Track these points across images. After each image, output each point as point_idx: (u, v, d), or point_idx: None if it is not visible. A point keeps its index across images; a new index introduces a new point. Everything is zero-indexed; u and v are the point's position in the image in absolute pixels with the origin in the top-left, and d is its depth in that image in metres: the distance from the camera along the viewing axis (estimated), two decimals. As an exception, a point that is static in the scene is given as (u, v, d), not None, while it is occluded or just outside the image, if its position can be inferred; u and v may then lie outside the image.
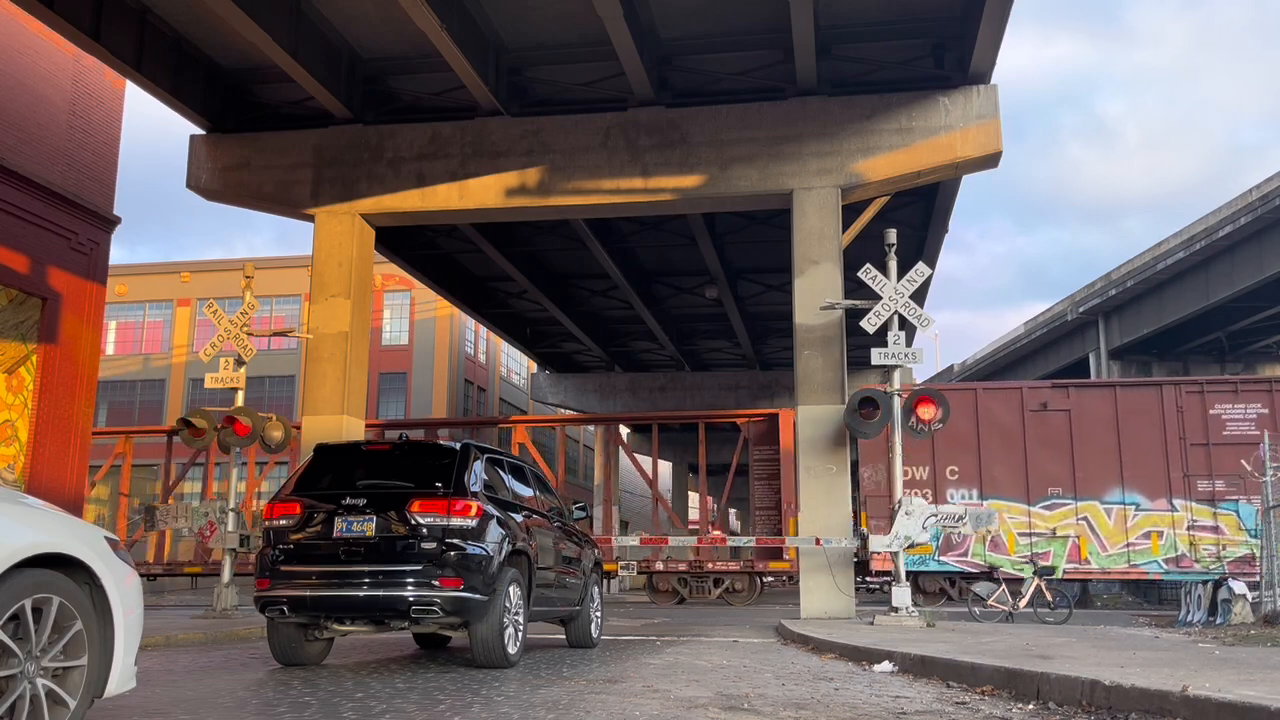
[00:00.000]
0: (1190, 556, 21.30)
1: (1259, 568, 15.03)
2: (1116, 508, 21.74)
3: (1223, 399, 21.89)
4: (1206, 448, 21.62)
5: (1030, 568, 18.00)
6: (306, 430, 17.06)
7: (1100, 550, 21.51)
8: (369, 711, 5.82)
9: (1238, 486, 21.48)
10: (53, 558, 4.12)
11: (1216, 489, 21.48)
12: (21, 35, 16.80)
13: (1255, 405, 21.76)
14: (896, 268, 14.34)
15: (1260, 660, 7.52)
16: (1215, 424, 21.86)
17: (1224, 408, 21.82)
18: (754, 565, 23.34)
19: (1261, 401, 21.74)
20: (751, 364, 38.26)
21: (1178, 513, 21.49)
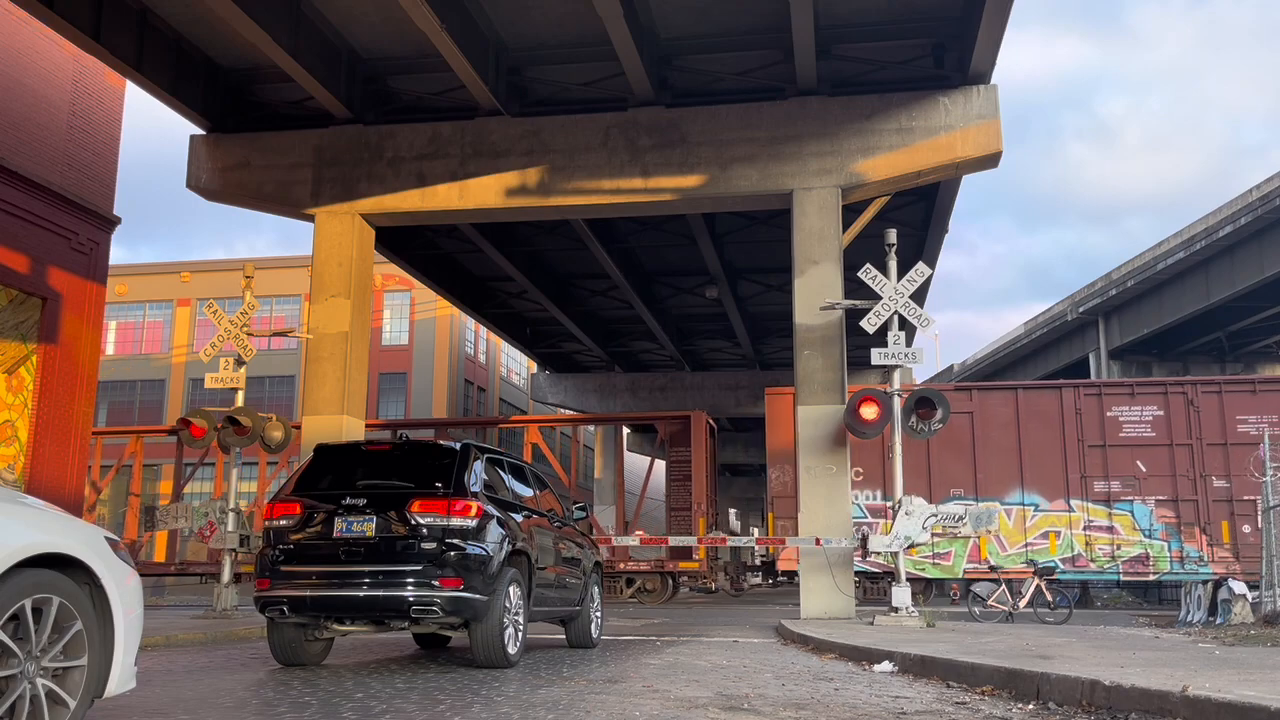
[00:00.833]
0: (1086, 556, 21.68)
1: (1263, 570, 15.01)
2: (1016, 508, 22.08)
3: (1119, 401, 22.25)
4: (1103, 449, 21.98)
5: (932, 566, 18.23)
6: (306, 430, 17.06)
7: (999, 550, 21.82)
8: (369, 711, 5.82)
9: (1133, 487, 21.86)
10: (53, 558, 4.12)
11: (1112, 490, 21.85)
12: (21, 35, 16.81)
13: (1151, 407, 22.10)
14: (896, 268, 14.34)
15: (1260, 660, 7.52)
16: (1112, 426, 22.18)
17: (1121, 410, 22.18)
18: (665, 565, 23.47)
19: (1157, 404, 22.10)
20: (751, 364, 38.26)
21: (1075, 513, 21.85)
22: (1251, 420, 21.60)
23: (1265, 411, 21.62)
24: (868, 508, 22.57)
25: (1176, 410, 21.87)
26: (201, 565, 24.60)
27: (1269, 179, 25.11)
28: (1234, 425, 21.64)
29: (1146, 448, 21.95)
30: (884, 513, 22.17)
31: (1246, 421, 21.60)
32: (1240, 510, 21.38)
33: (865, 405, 14.31)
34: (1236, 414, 21.74)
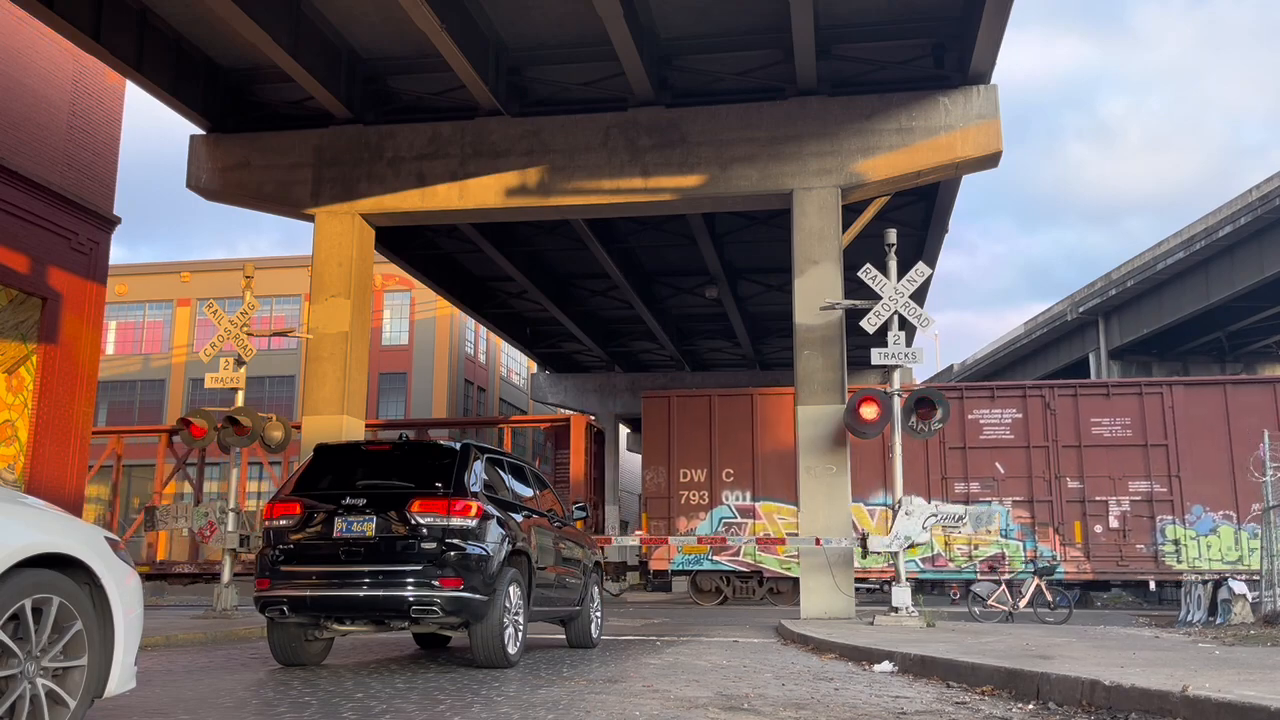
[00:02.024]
0: (945, 556, 22.22)
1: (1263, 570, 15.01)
2: (880, 509, 22.59)
3: (980, 404, 22.81)
4: (963, 451, 22.44)
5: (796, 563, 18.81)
6: (306, 430, 17.05)
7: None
8: (369, 711, 5.82)
9: (992, 488, 22.42)
10: (53, 558, 4.13)
11: (971, 490, 22.33)
12: (21, 35, 16.81)
13: (1010, 410, 22.69)
14: (896, 268, 14.34)
15: (1260, 660, 7.52)
16: (972, 428, 22.74)
17: (981, 412, 22.76)
18: None
19: (1016, 407, 22.64)
20: (751, 364, 38.24)
21: None
22: (1105, 423, 22.22)
23: (1118, 414, 22.21)
24: (737, 508, 22.95)
25: (1034, 413, 22.45)
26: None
27: (1269, 179, 25.12)
28: (1089, 428, 22.21)
29: (1005, 449, 22.56)
30: (753, 512, 22.52)
31: (1100, 424, 22.21)
32: (1093, 511, 22.02)
33: (865, 405, 14.32)
34: (1091, 417, 22.31)
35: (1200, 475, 21.70)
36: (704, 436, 23.48)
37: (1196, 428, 21.87)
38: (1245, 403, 21.82)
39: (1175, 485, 21.68)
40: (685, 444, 23.51)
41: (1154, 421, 22.02)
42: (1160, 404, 22.09)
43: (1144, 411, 22.08)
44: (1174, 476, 21.75)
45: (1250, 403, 21.79)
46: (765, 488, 23.02)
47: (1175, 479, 21.73)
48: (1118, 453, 21.87)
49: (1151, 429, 21.99)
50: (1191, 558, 21.31)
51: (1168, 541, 21.40)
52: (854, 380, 20.77)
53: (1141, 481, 21.83)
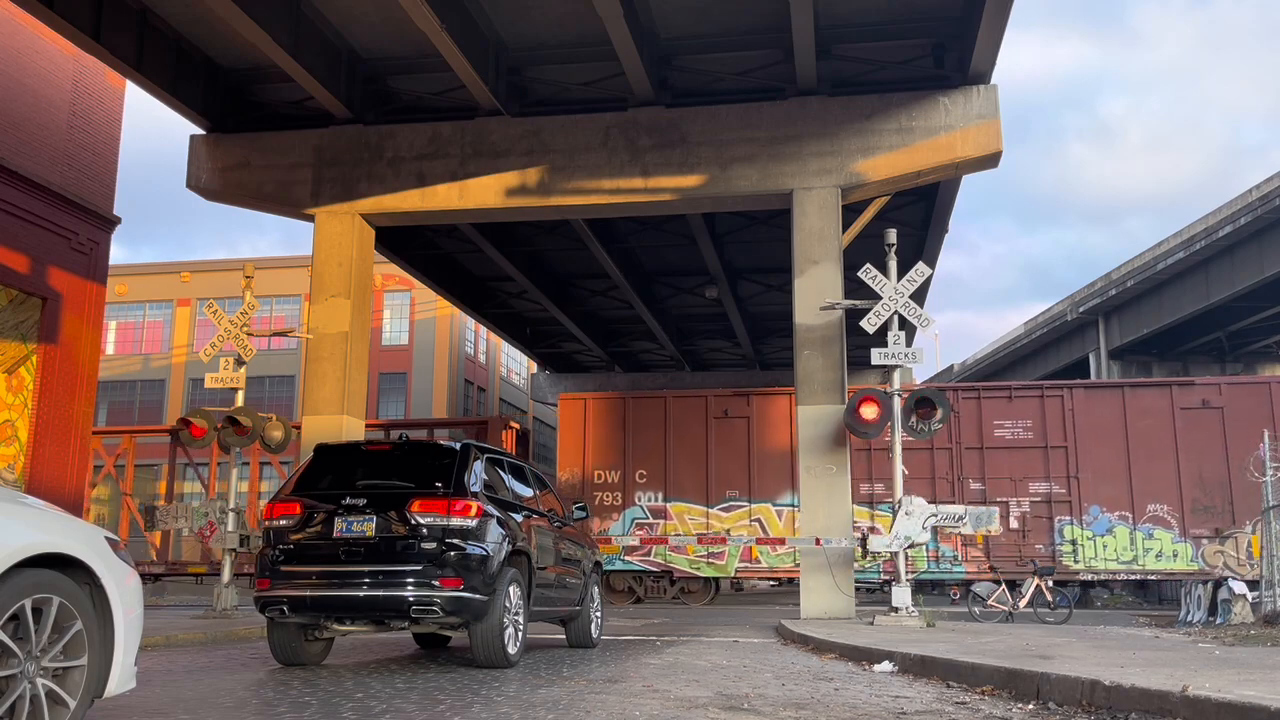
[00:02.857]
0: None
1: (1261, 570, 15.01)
2: (787, 509, 22.78)
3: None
4: (868, 452, 22.62)
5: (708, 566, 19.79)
6: (306, 430, 17.05)
7: (770, 550, 22.59)
8: (369, 711, 5.82)
9: None
10: (53, 558, 4.13)
11: (876, 491, 22.63)
12: (21, 35, 16.81)
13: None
14: (896, 268, 14.34)
15: (1260, 660, 7.52)
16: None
17: None
18: None
19: None
20: (751, 364, 38.23)
21: None
22: (1007, 425, 22.49)
23: (1020, 416, 22.47)
24: (650, 509, 23.16)
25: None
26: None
27: (1269, 179, 25.11)
28: (991, 430, 22.47)
29: (909, 451, 22.56)
30: (664, 513, 22.70)
31: (1003, 426, 22.49)
32: None
33: (865, 405, 14.32)
34: (994, 419, 22.57)
35: (1098, 476, 21.98)
36: (619, 438, 23.80)
37: (1095, 430, 22.14)
38: (1142, 405, 22.13)
39: (1074, 486, 21.95)
40: (600, 445, 23.88)
41: (1054, 423, 22.30)
42: (1061, 406, 22.38)
43: (1045, 414, 22.36)
44: (1073, 478, 22.02)
45: (1147, 405, 22.10)
46: (677, 488, 23.33)
47: (1074, 480, 22.01)
48: (1019, 454, 22.12)
49: (1052, 431, 22.27)
50: (1088, 558, 21.62)
51: (1065, 542, 21.65)
52: (854, 380, 20.79)
53: (1041, 483, 22.12)
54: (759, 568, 22.72)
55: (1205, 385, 22.48)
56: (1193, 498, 21.50)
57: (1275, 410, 21.67)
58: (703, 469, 23.21)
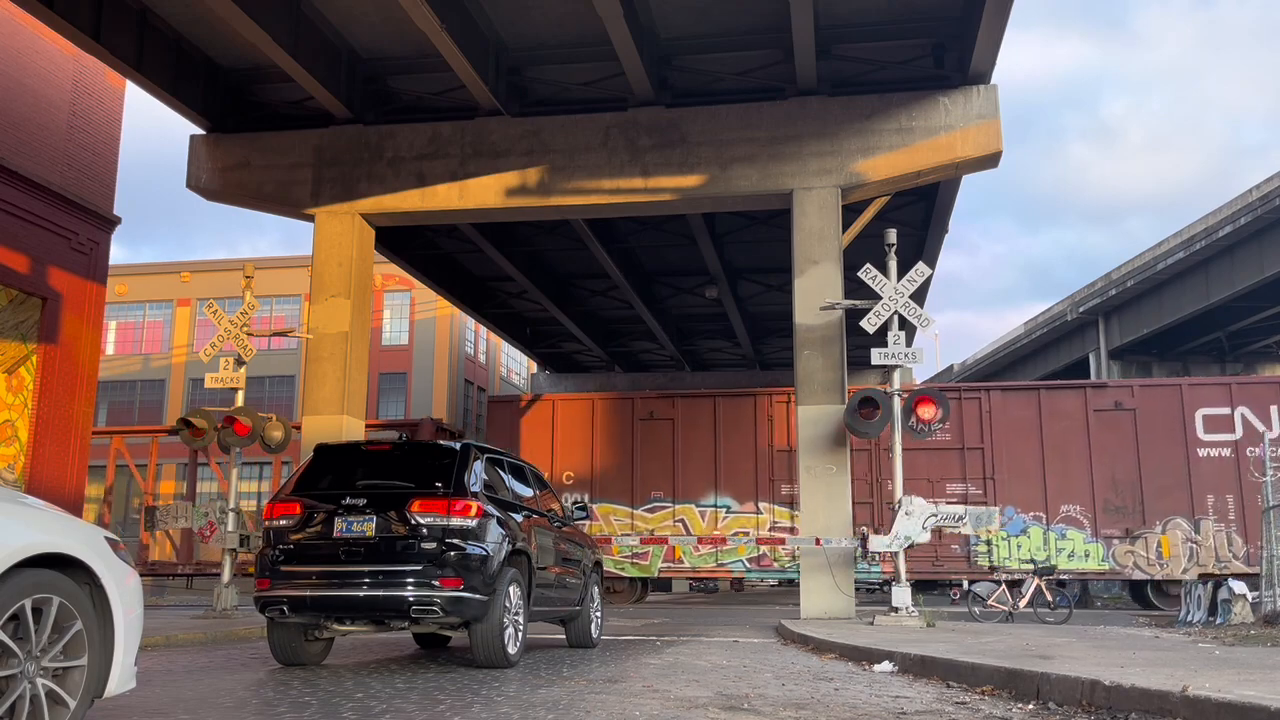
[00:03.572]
0: (770, 556, 22.96)
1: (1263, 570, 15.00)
2: (710, 510, 23.30)
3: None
4: (789, 453, 22.97)
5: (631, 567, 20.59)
6: (306, 430, 17.06)
7: (693, 550, 23.02)
8: (369, 711, 5.82)
9: None
10: (53, 558, 4.13)
11: (795, 492, 22.71)
12: (21, 35, 16.81)
13: None
14: (896, 268, 14.34)
15: (1260, 660, 7.52)
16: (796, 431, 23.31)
17: None
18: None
19: None
20: (751, 364, 38.21)
21: (762, 515, 23.19)
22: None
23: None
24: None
25: None
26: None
27: (1269, 179, 25.11)
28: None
29: None
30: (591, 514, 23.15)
31: None
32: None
33: (865, 405, 14.32)
34: None
35: (1014, 477, 22.21)
36: (546, 440, 24.20)
37: (1011, 431, 22.37)
38: (1057, 407, 22.36)
39: (990, 487, 22.23)
40: (530, 447, 24.27)
41: (971, 425, 22.56)
42: (978, 408, 22.65)
43: (962, 415, 22.59)
44: (989, 479, 22.31)
45: (1062, 407, 22.34)
46: (604, 489, 23.71)
47: (990, 481, 22.30)
48: (937, 455, 22.30)
49: (969, 433, 22.51)
50: (1002, 558, 21.87)
51: (980, 542, 21.88)
52: (854, 380, 20.79)
53: (958, 484, 22.42)
54: (682, 568, 23.28)
55: (1118, 387, 22.85)
56: (1105, 498, 21.78)
57: (1186, 412, 21.98)
58: (629, 469, 23.70)
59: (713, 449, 23.46)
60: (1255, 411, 21.77)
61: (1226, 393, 22.13)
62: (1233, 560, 21.10)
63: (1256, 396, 21.95)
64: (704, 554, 22.89)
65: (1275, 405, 21.74)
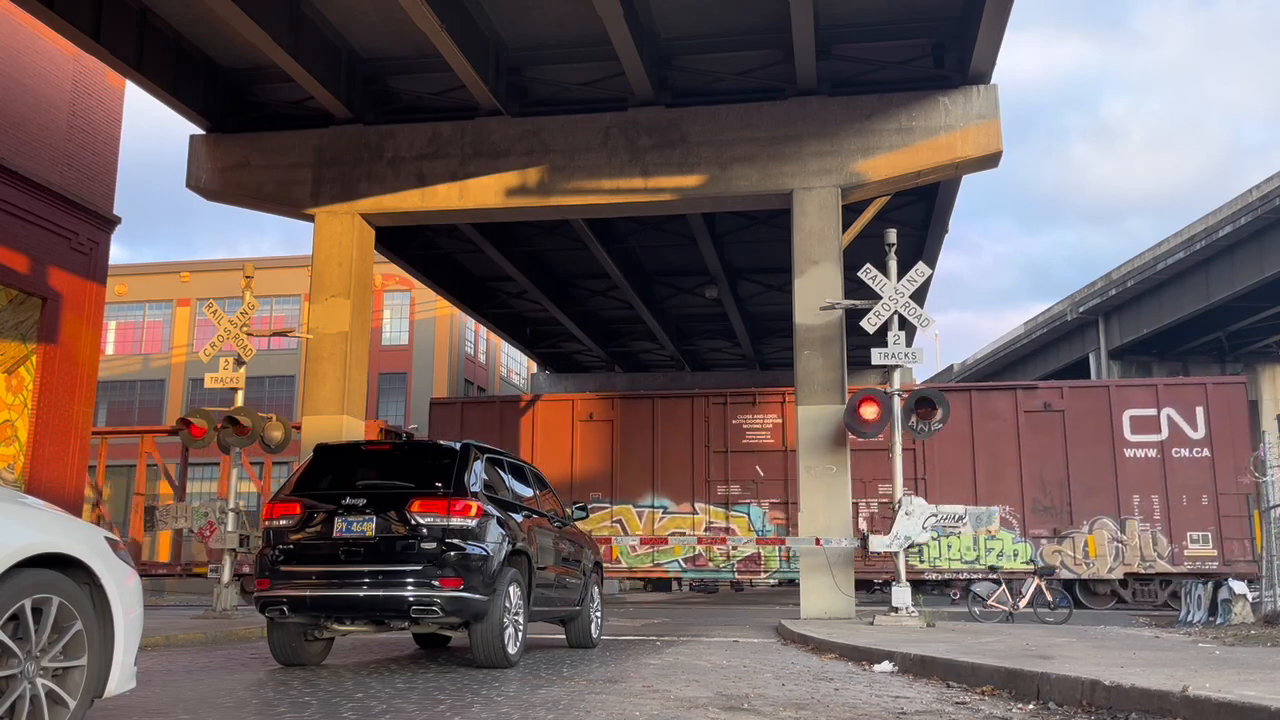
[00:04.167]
0: (705, 556, 23.33)
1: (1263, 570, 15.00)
2: (647, 510, 23.71)
3: (743, 409, 23.95)
4: (725, 454, 23.51)
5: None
6: (306, 430, 17.05)
7: (631, 551, 23.44)
8: (369, 711, 5.82)
9: (751, 491, 23.56)
10: (52, 558, 4.12)
11: (732, 493, 23.44)
12: (21, 35, 16.81)
13: (771, 415, 23.83)
14: (896, 268, 14.34)
15: (1260, 660, 7.52)
16: (735, 432, 23.90)
17: (744, 418, 23.88)
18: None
19: (776, 412, 23.79)
20: (751, 364, 38.21)
21: (698, 515, 23.63)
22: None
23: None
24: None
25: (792, 418, 23.29)
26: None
27: (1269, 179, 25.12)
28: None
29: (766, 453, 23.67)
30: None
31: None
32: None
33: (865, 405, 14.32)
34: None
35: (945, 477, 22.43)
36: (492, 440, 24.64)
37: (944, 432, 22.38)
38: (989, 408, 22.62)
39: (921, 487, 22.42)
40: None
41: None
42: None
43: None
44: (920, 479, 22.53)
45: (993, 408, 22.61)
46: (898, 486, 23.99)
47: (921, 481, 22.54)
48: (870, 456, 22.37)
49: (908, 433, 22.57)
50: (932, 557, 22.09)
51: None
52: (854, 380, 20.80)
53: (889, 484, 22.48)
54: (619, 568, 23.64)
55: (1048, 389, 23.08)
56: (1033, 498, 22.02)
57: (1114, 413, 22.21)
58: (568, 470, 24.03)
59: (651, 449, 23.87)
60: (1181, 413, 22.10)
61: (1153, 394, 22.48)
62: (1158, 560, 21.39)
63: (1182, 398, 22.27)
64: (641, 554, 23.28)
65: (1201, 406, 22.07)
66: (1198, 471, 21.59)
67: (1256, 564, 21.00)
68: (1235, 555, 21.33)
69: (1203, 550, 21.35)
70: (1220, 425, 21.93)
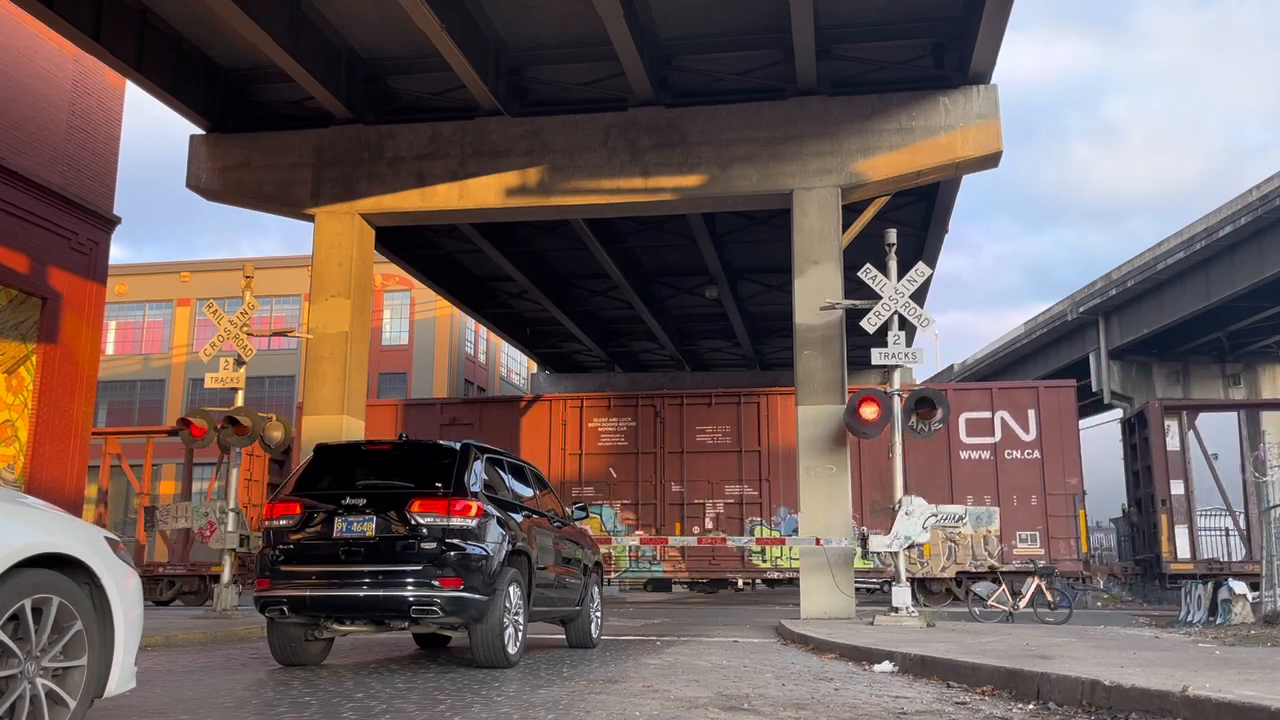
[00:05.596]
0: None
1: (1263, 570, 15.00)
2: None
3: (599, 413, 24.61)
4: (580, 456, 24.16)
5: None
6: (306, 430, 17.05)
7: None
8: (369, 711, 5.82)
9: (605, 491, 24.12)
10: (52, 558, 4.12)
11: (585, 494, 23.87)
12: (21, 35, 16.81)
13: (626, 418, 24.48)
14: (896, 268, 14.34)
15: (1260, 660, 7.52)
16: (592, 435, 24.60)
17: (600, 420, 24.51)
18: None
19: (631, 415, 24.45)
20: (751, 364, 38.20)
21: None
22: (708, 431, 23.93)
23: (720, 422, 23.97)
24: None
25: (645, 421, 24.22)
26: None
27: (1269, 179, 25.11)
28: (693, 435, 23.87)
29: (620, 455, 24.36)
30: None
31: (704, 432, 23.93)
32: (691, 513, 23.69)
33: (865, 405, 14.32)
34: (696, 425, 23.97)
35: (788, 479, 22.68)
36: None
37: (786, 434, 22.96)
38: None
39: (765, 489, 22.98)
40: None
41: (749, 429, 23.44)
42: (755, 412, 23.54)
43: (740, 419, 23.49)
44: (764, 480, 23.04)
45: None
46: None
47: (765, 483, 23.04)
48: (717, 458, 23.13)
49: (746, 436, 23.38)
50: (775, 557, 22.44)
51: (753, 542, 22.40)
52: (854, 380, 20.78)
53: (735, 485, 23.27)
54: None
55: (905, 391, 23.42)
56: (872, 499, 22.31)
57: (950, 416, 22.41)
58: None
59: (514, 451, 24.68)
60: (1014, 415, 22.55)
61: (988, 397, 22.99)
62: (988, 558, 21.72)
63: (1016, 401, 22.80)
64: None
65: (1032, 409, 22.55)
66: (1028, 472, 22.09)
67: (1081, 563, 21.56)
68: (1061, 554, 21.83)
69: (1030, 549, 21.89)
70: (1050, 427, 22.49)
